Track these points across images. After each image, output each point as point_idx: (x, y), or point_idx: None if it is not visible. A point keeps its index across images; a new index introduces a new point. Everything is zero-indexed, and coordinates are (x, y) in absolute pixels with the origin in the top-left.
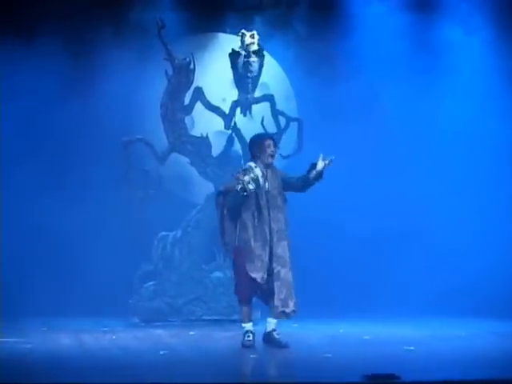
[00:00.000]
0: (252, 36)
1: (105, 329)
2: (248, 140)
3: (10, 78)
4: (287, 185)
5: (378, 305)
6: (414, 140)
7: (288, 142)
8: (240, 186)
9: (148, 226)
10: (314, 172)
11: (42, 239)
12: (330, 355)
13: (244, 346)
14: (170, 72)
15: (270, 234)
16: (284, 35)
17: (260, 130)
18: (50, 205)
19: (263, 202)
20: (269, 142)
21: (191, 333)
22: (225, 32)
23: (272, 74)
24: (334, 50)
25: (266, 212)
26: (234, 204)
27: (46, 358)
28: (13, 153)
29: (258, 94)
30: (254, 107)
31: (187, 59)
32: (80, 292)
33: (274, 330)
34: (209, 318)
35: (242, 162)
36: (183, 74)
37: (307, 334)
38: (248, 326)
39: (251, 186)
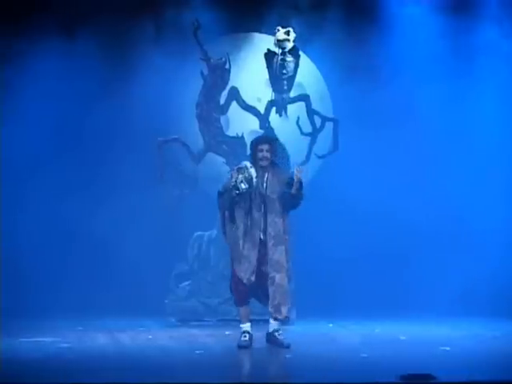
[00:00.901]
0: (287, 33)
1: (141, 328)
2: (282, 140)
3: (47, 75)
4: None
5: (414, 305)
6: (450, 142)
7: (323, 142)
8: (232, 184)
9: (183, 226)
10: (294, 185)
11: (77, 239)
12: (365, 355)
13: (240, 346)
14: (206, 72)
15: (266, 237)
16: (320, 35)
17: (295, 130)
18: (84, 204)
19: (256, 204)
20: (262, 146)
21: (227, 332)
22: (260, 32)
23: (307, 74)
24: (371, 50)
25: (260, 215)
26: (229, 203)
27: (82, 357)
28: (47, 152)
29: (293, 93)
30: (290, 107)
31: (223, 59)
32: (116, 291)
33: (277, 330)
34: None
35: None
36: (219, 74)
37: (342, 333)
38: (245, 326)
39: (243, 186)
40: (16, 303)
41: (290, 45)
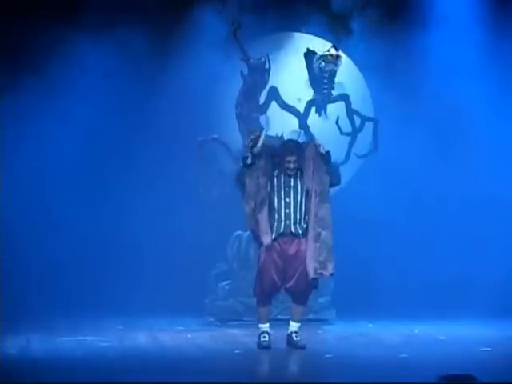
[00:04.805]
0: (337, 56)
1: (180, 328)
2: (321, 140)
3: (89, 72)
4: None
5: (454, 305)
6: (493, 144)
7: (363, 141)
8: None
9: (223, 225)
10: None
11: (119, 239)
12: (405, 355)
13: (260, 346)
14: (246, 72)
15: (308, 195)
16: (362, 35)
17: (335, 130)
18: (123, 203)
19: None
20: (290, 158)
21: None
22: (300, 32)
23: (348, 74)
24: (413, 51)
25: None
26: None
27: (122, 356)
28: (86, 149)
29: (333, 93)
30: (329, 106)
31: (262, 59)
32: (156, 291)
33: (295, 332)
34: (284, 317)
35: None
36: (258, 74)
37: (382, 333)
38: (264, 326)
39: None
40: (57, 302)
41: (335, 68)
